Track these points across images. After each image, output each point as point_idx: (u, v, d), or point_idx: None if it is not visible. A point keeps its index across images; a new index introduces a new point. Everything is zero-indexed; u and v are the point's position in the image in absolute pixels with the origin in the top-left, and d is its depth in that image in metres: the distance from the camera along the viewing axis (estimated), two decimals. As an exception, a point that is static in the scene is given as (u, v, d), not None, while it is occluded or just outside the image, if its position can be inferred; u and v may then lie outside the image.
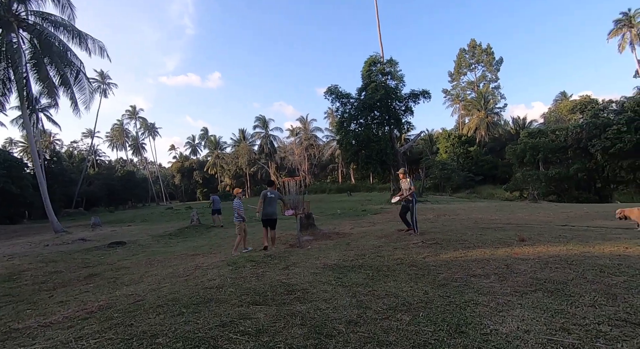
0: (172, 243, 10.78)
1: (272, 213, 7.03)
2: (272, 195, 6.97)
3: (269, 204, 6.97)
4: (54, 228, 15.18)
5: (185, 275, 5.03)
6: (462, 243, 5.66)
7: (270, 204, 6.98)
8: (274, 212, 7.06)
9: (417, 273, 4.08)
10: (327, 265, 4.67)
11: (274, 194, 7.02)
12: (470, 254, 4.80)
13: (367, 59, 25.04)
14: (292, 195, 7.07)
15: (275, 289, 3.61)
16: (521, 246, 5.09)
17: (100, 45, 15.91)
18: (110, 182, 49.12)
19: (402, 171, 7.51)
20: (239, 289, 3.65)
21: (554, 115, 41.24)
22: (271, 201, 6.97)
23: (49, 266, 8.11)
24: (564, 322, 2.45)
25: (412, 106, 24.63)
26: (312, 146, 62.43)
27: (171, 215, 26.50)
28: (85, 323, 3.00)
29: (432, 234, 6.87)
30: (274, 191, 7.13)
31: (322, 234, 7.94)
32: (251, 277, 4.22)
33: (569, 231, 6.44)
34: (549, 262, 4.09)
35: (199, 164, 72.21)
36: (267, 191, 7.12)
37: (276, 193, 7.13)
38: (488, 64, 58.17)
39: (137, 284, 5.08)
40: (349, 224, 11.71)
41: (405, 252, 5.27)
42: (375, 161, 23.68)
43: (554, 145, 26.99)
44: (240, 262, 5.16)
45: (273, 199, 7.00)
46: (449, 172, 38.36)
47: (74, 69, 15.33)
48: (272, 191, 7.07)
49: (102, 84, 48.78)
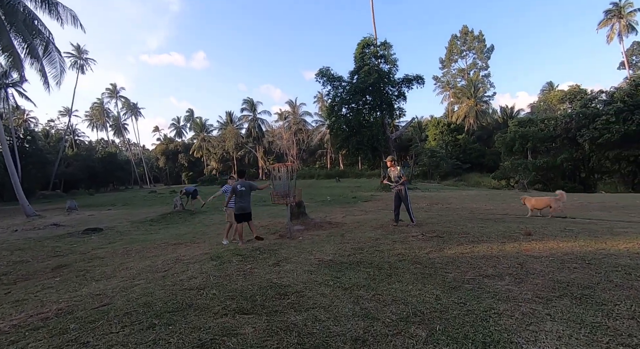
0: (153, 230, 10.16)
1: (246, 207, 6.38)
2: (242, 188, 6.30)
3: (241, 197, 6.32)
4: (25, 212, 14.21)
5: (164, 270, 4.50)
6: (465, 236, 5.32)
7: (242, 197, 6.33)
8: (248, 206, 6.41)
9: (422, 271, 3.68)
10: (323, 261, 4.23)
11: (245, 186, 6.35)
12: (477, 250, 4.45)
13: (361, 40, 24.10)
14: (283, 181, 6.50)
15: (265, 291, 3.14)
16: (529, 241, 4.77)
17: (72, 13, 14.40)
18: (91, 163, 47.03)
19: (391, 158, 7.02)
20: (223, 292, 3.16)
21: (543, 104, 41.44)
22: (242, 194, 6.31)
23: (14, 255, 7.42)
24: (608, 341, 2.08)
25: (405, 92, 24.07)
26: (301, 130, 61.28)
27: (154, 199, 25.59)
28: (33, 338, 2.47)
29: (430, 226, 6.53)
30: (245, 182, 6.46)
31: (314, 224, 7.50)
32: (237, 275, 3.73)
33: (572, 224, 6.19)
34: (565, 261, 3.76)
35: (184, 147, 70.12)
36: (238, 183, 6.47)
37: (247, 184, 6.45)
38: (479, 51, 57.70)
39: (108, 279, 4.53)
40: (340, 211, 11.33)
41: (406, 246, 4.89)
42: (367, 147, 23.22)
43: (543, 134, 27.11)
44: (226, 256, 4.67)
45: (245, 192, 6.34)
46: (437, 160, 38.39)
47: (43, 40, 13.91)
48: (242, 182, 6.41)
49: (79, 58, 45.82)
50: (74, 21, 14.60)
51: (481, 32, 57.52)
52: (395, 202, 6.93)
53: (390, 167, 6.90)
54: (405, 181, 6.90)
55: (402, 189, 6.78)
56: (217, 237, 7.68)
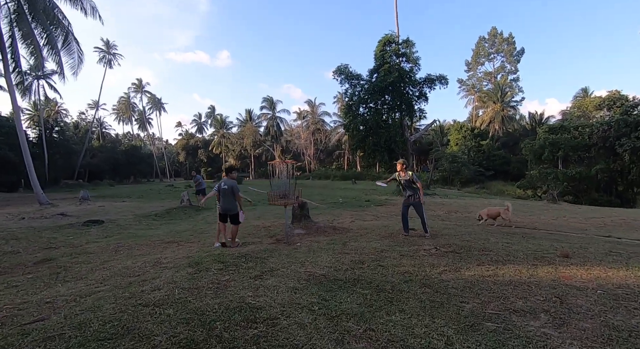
0: (154, 225, 9.84)
1: (227, 209, 5.66)
2: (224, 186, 5.62)
3: (223, 196, 5.64)
4: (39, 200, 14.39)
5: (136, 275, 4.00)
6: (486, 254, 4.53)
7: (225, 197, 5.64)
8: (230, 207, 5.66)
9: (432, 298, 2.97)
10: (314, 276, 3.59)
11: (227, 185, 5.63)
12: (501, 273, 3.67)
13: (382, 38, 23.21)
14: (282, 181, 5.88)
15: (231, 315, 2.53)
16: (567, 265, 3.93)
17: (92, 4, 14.52)
18: (114, 155, 48.44)
19: (402, 161, 6.19)
20: (181, 312, 2.58)
21: (577, 111, 38.79)
22: (225, 193, 5.61)
23: (8, 245, 7.21)
24: None
25: (426, 92, 22.97)
26: (319, 130, 60.85)
27: (169, 193, 25.71)
28: None
29: (446, 238, 5.74)
30: (229, 181, 5.73)
31: (317, 228, 6.85)
32: (208, 289, 3.15)
33: (618, 246, 5.24)
34: (619, 297, 2.94)
35: (204, 143, 71.23)
36: (222, 181, 5.84)
37: (230, 183, 5.67)
38: (508, 55, 55.14)
39: (76, 281, 4.08)
40: (349, 215, 10.62)
41: (415, 262, 4.16)
42: (383, 149, 22.29)
43: (577, 142, 25.13)
44: (206, 262, 4.11)
45: (227, 191, 5.62)
46: (458, 166, 36.79)
47: (63, 29, 14.07)
48: (226, 180, 5.73)
49: (107, 53, 47.37)
50: (92, 12, 14.71)
51: (511, 34, 55.03)
52: (403, 209, 6.17)
53: (400, 172, 6.14)
54: (421, 187, 6.12)
55: (416, 196, 6.01)
56: (213, 238, 7.18)
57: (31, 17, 12.94)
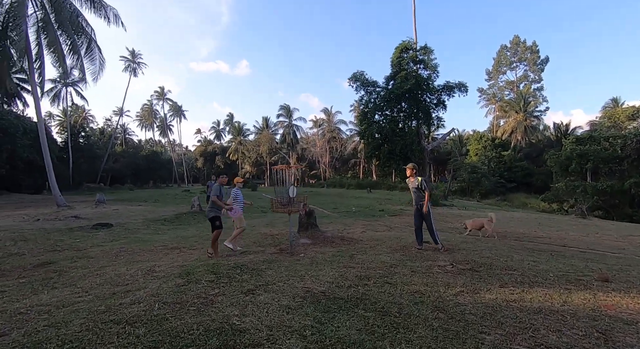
0: (161, 230, 9.72)
1: (207, 212, 5.74)
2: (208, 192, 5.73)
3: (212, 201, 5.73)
4: (57, 202, 14.72)
5: (124, 284, 3.75)
6: (510, 273, 4.01)
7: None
8: (209, 210, 5.69)
9: (445, 326, 2.53)
10: (312, 293, 3.21)
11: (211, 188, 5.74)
12: (529, 298, 3.17)
13: (399, 44, 22.78)
14: (285, 188, 5.53)
15: (209, 339, 2.19)
16: (607, 291, 3.38)
17: (115, 12, 15.09)
18: (136, 161, 49.96)
19: (412, 166, 5.78)
20: (153, 333, 2.27)
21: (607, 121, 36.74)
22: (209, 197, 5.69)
23: (17, 246, 7.24)
24: None
25: (445, 100, 22.28)
26: (334, 138, 60.64)
27: (184, 198, 25.98)
28: None
29: (464, 253, 5.22)
30: (214, 185, 5.82)
31: (324, 238, 6.46)
32: (192, 305, 2.83)
33: (665, 269, 4.58)
34: (678, 335, 2.41)
35: (222, 149, 72.41)
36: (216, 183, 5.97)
37: (214, 188, 5.73)
38: (532, 63, 53.47)
39: (63, 288, 3.88)
40: (361, 225, 10.16)
41: (428, 280, 3.71)
42: (399, 157, 21.63)
43: (608, 154, 23.60)
44: (198, 273, 3.81)
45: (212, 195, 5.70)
46: (478, 176, 35.47)
47: (86, 37, 14.60)
48: (211, 183, 5.84)
49: (132, 62, 49.31)
50: (115, 20, 15.23)
51: (535, 43, 53.42)
52: (415, 220, 5.71)
53: (410, 177, 5.72)
54: (428, 196, 5.64)
55: (423, 205, 5.55)
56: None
57: (57, 25, 13.49)
